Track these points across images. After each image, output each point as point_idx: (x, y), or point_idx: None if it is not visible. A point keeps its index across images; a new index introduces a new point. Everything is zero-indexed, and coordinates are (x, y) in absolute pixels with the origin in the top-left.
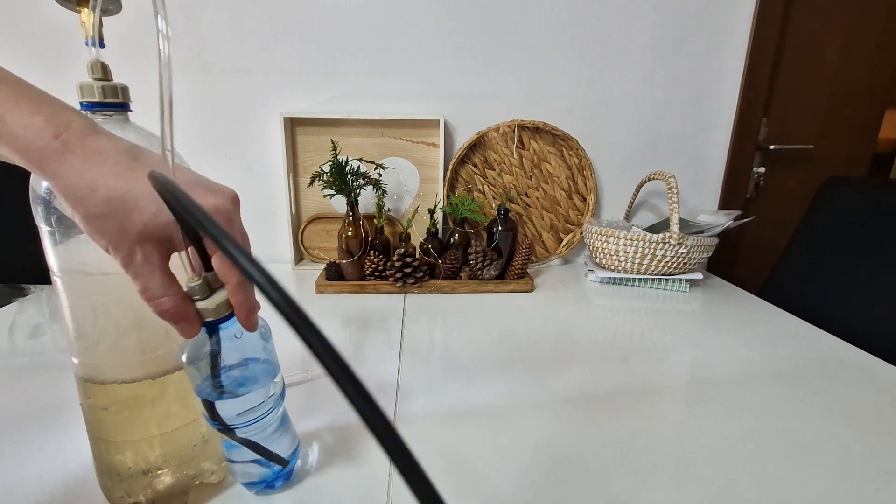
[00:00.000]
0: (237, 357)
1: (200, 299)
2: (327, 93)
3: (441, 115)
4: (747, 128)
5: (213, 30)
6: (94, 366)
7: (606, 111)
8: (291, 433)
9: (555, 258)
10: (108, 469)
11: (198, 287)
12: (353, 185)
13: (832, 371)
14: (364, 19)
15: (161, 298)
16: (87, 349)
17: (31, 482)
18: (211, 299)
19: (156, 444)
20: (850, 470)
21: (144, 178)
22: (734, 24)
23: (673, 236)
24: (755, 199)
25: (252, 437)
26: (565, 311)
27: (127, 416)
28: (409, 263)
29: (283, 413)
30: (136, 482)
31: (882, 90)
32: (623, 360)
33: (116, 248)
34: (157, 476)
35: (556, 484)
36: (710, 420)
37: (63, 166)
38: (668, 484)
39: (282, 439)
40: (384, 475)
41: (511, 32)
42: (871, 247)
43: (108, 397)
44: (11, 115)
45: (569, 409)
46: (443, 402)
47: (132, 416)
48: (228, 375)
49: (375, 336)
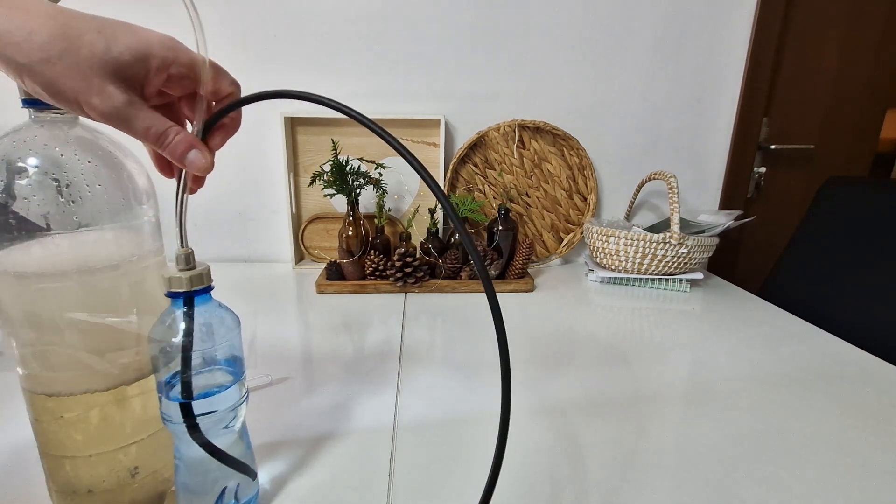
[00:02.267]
0: (205, 346)
1: (184, 269)
2: (328, 92)
3: (441, 115)
4: (748, 127)
5: (213, 29)
6: (44, 378)
7: (607, 111)
8: (252, 463)
9: (555, 258)
10: (69, 486)
11: (183, 257)
12: (354, 185)
13: (832, 371)
14: (365, 19)
15: (167, 132)
16: (34, 359)
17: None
18: (191, 272)
19: (132, 452)
20: (850, 470)
21: (78, 18)
22: (735, 24)
23: (673, 236)
24: (756, 199)
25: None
26: (566, 311)
27: (94, 427)
28: (409, 263)
29: (242, 426)
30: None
31: (882, 90)
32: (623, 360)
33: (86, 94)
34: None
35: (555, 484)
36: (710, 420)
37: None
38: (668, 484)
39: (243, 464)
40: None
41: (512, 32)
42: (871, 247)
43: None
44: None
45: (569, 409)
46: (443, 401)
47: (99, 427)
48: (195, 363)
49: (376, 336)
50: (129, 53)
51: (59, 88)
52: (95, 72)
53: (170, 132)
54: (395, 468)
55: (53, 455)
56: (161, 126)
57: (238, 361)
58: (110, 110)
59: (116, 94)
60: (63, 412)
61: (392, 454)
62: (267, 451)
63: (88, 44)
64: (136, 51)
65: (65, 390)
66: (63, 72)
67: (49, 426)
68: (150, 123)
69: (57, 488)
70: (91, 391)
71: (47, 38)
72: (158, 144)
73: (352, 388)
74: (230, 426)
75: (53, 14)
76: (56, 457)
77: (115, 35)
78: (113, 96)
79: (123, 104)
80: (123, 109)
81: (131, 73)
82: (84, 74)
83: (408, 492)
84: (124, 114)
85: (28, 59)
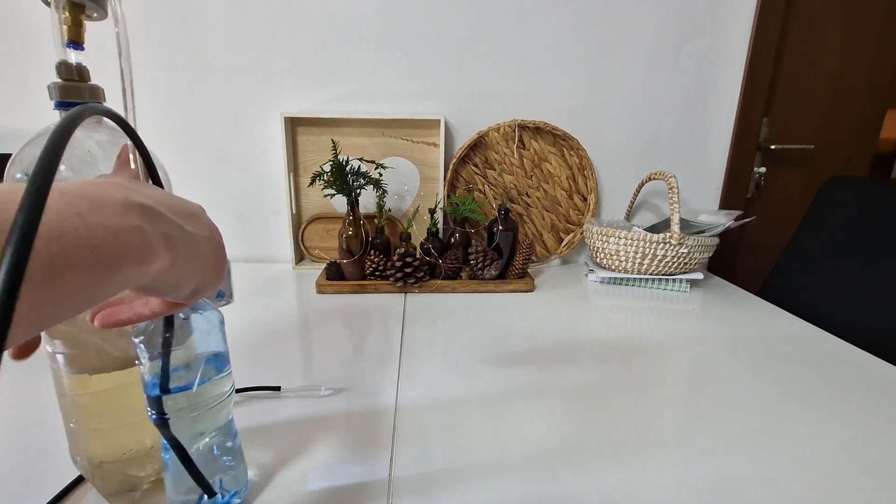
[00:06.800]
0: (186, 342)
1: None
2: (328, 92)
3: (442, 115)
4: (748, 127)
5: (213, 30)
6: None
7: (607, 111)
8: (239, 463)
9: (555, 258)
10: (95, 457)
11: None
12: (354, 185)
13: (832, 370)
14: (365, 19)
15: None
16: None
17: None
18: None
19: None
20: (850, 469)
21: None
22: (735, 24)
23: (673, 236)
24: (756, 199)
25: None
26: (566, 311)
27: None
28: (409, 263)
29: (234, 432)
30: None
31: (883, 90)
32: (623, 359)
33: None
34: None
35: (555, 483)
36: (710, 420)
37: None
38: (668, 483)
39: (228, 464)
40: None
41: (512, 32)
42: (871, 247)
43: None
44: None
45: (569, 409)
46: (443, 402)
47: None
48: (175, 356)
49: (376, 336)
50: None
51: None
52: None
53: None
54: (396, 468)
55: (80, 427)
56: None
57: (222, 358)
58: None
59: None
60: (91, 388)
61: (392, 454)
62: (262, 449)
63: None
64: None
65: (90, 370)
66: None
67: (79, 400)
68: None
69: (84, 459)
70: (109, 370)
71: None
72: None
73: (351, 387)
74: (213, 422)
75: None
76: (83, 429)
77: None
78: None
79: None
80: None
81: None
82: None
83: (408, 491)
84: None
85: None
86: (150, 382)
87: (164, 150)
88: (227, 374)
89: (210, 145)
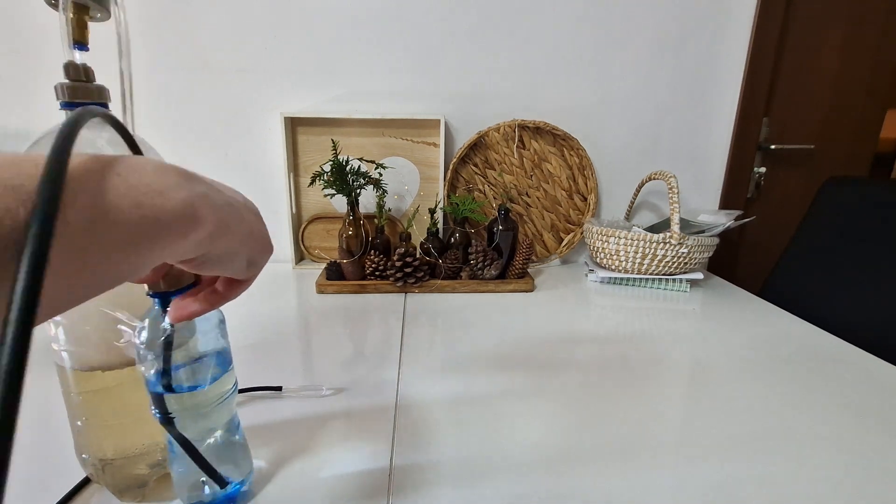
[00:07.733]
0: (188, 341)
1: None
2: (328, 92)
3: (442, 115)
4: (748, 127)
5: (213, 30)
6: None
7: (607, 111)
8: (244, 455)
9: (555, 258)
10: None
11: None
12: (354, 185)
13: (832, 371)
14: (365, 19)
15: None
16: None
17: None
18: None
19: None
20: (850, 469)
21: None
22: (735, 24)
23: (673, 236)
24: (756, 199)
25: (196, 441)
26: (566, 311)
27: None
28: (409, 263)
29: (236, 425)
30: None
31: (883, 90)
32: (623, 359)
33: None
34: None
35: (555, 483)
36: (710, 420)
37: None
38: (668, 483)
39: (233, 456)
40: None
41: (512, 32)
42: (871, 247)
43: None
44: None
45: (569, 409)
46: (443, 402)
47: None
48: (178, 353)
49: (376, 336)
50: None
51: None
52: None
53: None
54: (396, 466)
55: (86, 423)
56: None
57: (224, 355)
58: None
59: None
60: (96, 385)
61: (392, 453)
62: (265, 448)
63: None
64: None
65: (98, 366)
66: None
67: (84, 398)
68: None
69: (88, 456)
70: (114, 367)
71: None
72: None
73: (352, 387)
74: (218, 419)
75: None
76: (93, 426)
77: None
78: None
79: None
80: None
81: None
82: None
83: (408, 489)
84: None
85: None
86: (153, 382)
87: (164, 149)
88: (230, 371)
89: (210, 145)
